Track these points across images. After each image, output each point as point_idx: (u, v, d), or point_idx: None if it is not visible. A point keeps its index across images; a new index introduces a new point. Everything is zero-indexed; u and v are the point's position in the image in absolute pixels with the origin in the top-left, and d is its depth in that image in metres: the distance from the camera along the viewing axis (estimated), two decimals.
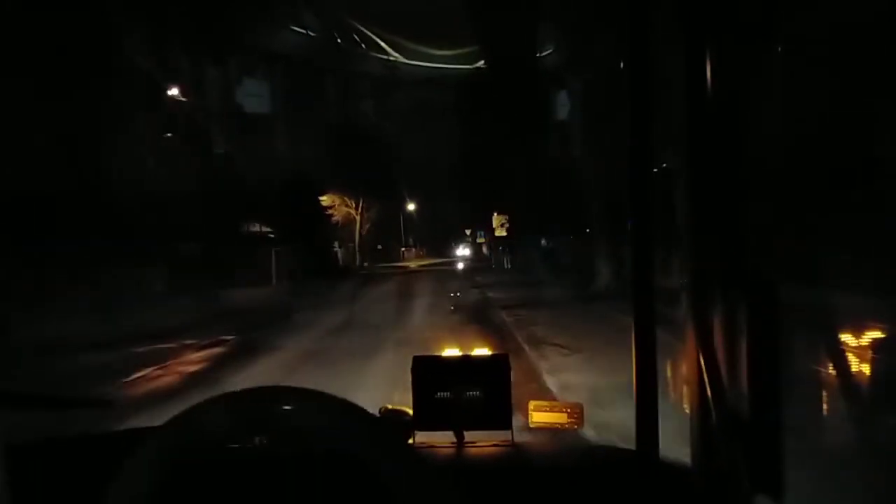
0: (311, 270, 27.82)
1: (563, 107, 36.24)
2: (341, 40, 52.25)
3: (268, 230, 31.70)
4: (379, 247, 47.02)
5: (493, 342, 10.49)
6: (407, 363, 1.44)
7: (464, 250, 49.83)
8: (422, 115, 49.06)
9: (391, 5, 51.85)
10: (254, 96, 45.77)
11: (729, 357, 0.98)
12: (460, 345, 1.56)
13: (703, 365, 0.96)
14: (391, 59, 55.97)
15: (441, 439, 1.40)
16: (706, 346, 0.97)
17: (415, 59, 56.19)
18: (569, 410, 1.46)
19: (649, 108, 1.18)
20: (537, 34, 32.16)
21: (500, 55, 32.69)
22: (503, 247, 34.23)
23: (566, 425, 1.45)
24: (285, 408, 0.78)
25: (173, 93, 23.80)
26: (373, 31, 54.19)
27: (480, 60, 40.35)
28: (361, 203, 40.15)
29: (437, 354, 1.46)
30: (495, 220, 33.54)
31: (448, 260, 47.60)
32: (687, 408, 1.05)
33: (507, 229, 32.95)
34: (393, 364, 7.92)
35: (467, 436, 1.40)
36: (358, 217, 40.35)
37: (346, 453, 0.78)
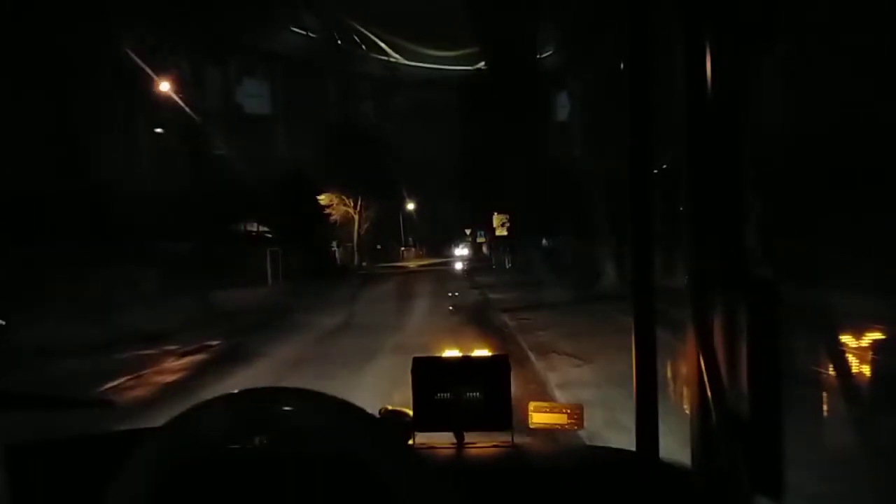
0: (308, 270, 27.53)
1: (563, 108, 36.30)
2: (341, 41, 52.30)
3: (265, 230, 31.54)
4: (378, 246, 46.96)
5: (495, 350, 10.27)
6: (402, 373, 1.43)
7: (462, 250, 49.84)
8: (422, 115, 49.13)
9: (391, 6, 51.93)
10: (254, 97, 45.85)
11: (729, 357, 0.98)
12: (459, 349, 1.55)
13: (703, 365, 0.96)
14: (391, 60, 56.04)
15: (441, 440, 1.40)
16: (706, 346, 0.97)
17: (415, 60, 56.26)
18: (569, 411, 1.46)
19: (649, 108, 1.18)
20: (538, 35, 32.22)
21: (500, 56, 32.77)
22: (504, 246, 34.13)
23: (566, 426, 1.45)
24: (285, 408, 0.78)
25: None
26: (373, 32, 54.26)
27: (481, 61, 40.45)
28: (360, 202, 39.85)
29: (437, 355, 1.46)
30: (496, 219, 33.49)
31: (448, 260, 47.56)
32: (687, 408, 1.05)
33: (508, 229, 32.87)
34: (388, 375, 7.37)
35: (467, 437, 1.40)
36: (356, 216, 40.08)
37: (345, 454, 0.78)
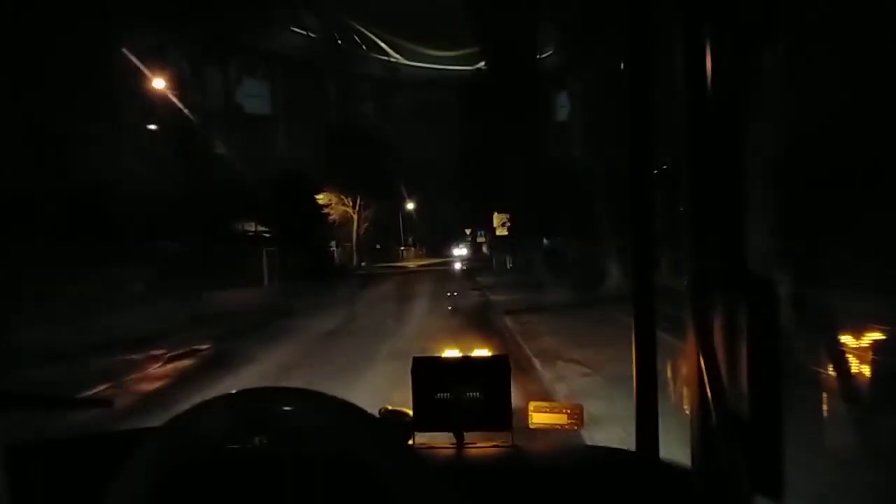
0: (306, 270, 27.15)
1: (563, 108, 36.36)
2: (342, 41, 52.31)
3: (264, 230, 31.32)
4: (377, 246, 46.88)
5: None
6: (399, 382, 1.42)
7: (461, 250, 49.83)
8: (422, 115, 49.15)
9: (392, 6, 51.95)
10: (254, 97, 45.84)
11: (729, 357, 0.98)
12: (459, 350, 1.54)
13: (703, 365, 0.96)
14: (391, 60, 56.05)
15: (441, 440, 1.40)
16: (706, 346, 0.97)
17: (415, 60, 56.27)
18: (569, 411, 1.46)
19: (649, 108, 1.18)
20: (538, 35, 32.25)
21: (500, 56, 32.79)
22: (504, 246, 34.01)
23: (566, 426, 1.45)
24: (285, 408, 0.78)
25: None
26: (373, 33, 54.28)
27: (481, 61, 40.47)
28: (359, 202, 39.59)
29: (437, 355, 1.46)
30: (496, 219, 33.37)
31: (447, 260, 47.53)
32: (687, 408, 1.05)
33: (509, 228, 32.77)
34: (383, 384, 7.06)
35: (467, 437, 1.40)
36: (355, 216, 39.86)
37: (345, 454, 0.78)
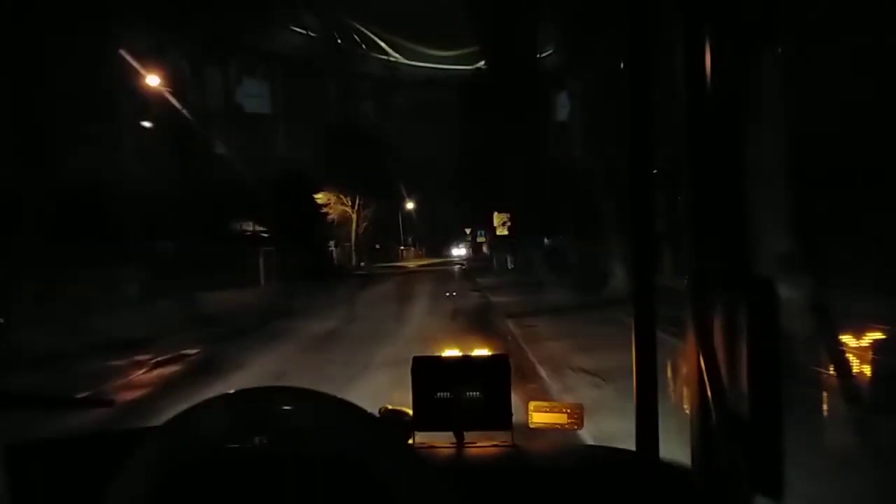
0: (304, 270, 26.88)
1: (563, 107, 36.33)
2: (341, 41, 52.31)
3: (262, 229, 31.19)
4: (377, 246, 46.80)
5: None
6: (393, 393, 1.42)
7: (460, 250, 49.82)
8: (422, 115, 49.17)
9: (392, 6, 51.96)
10: (254, 96, 45.85)
11: (729, 357, 0.98)
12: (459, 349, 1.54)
13: (703, 365, 0.96)
14: (391, 59, 56.05)
15: (441, 440, 1.40)
16: (706, 346, 0.97)
17: (415, 59, 56.28)
18: (569, 411, 1.46)
19: (649, 108, 1.18)
20: (538, 35, 32.23)
21: (500, 56, 32.76)
22: (505, 246, 33.87)
23: (566, 426, 1.45)
24: (285, 408, 0.78)
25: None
26: (373, 32, 54.28)
27: (481, 61, 40.43)
28: (358, 201, 39.39)
29: (437, 355, 1.46)
30: (496, 218, 33.26)
31: (447, 260, 47.50)
32: (687, 408, 1.05)
33: (509, 228, 32.69)
34: (377, 395, 6.43)
35: (467, 436, 1.40)
36: (354, 216, 39.67)
37: (345, 454, 0.78)
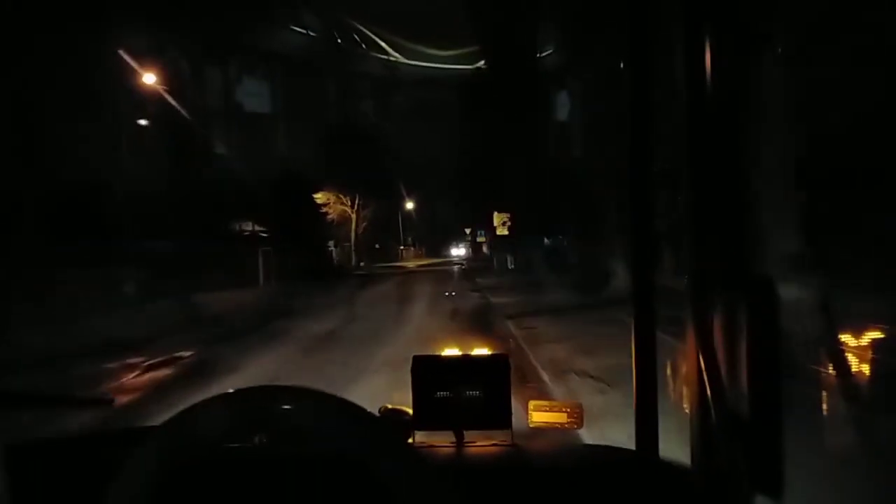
0: (303, 270, 26.68)
1: (563, 106, 36.37)
2: (341, 40, 52.29)
3: (261, 229, 31.11)
4: (377, 246, 46.72)
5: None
6: (395, 394, 1.42)
7: (460, 250, 49.83)
8: (422, 114, 49.15)
9: (392, 5, 51.93)
10: (254, 95, 45.84)
11: (729, 357, 0.98)
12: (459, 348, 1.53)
13: (703, 365, 0.96)
14: (391, 59, 56.03)
15: (441, 439, 1.40)
16: (706, 346, 0.97)
17: (415, 59, 56.25)
18: (568, 410, 1.46)
19: (649, 108, 1.18)
20: (537, 34, 32.25)
21: (500, 55, 32.78)
22: (505, 246, 33.75)
23: (566, 425, 1.45)
24: (285, 407, 0.78)
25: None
26: (373, 31, 54.25)
27: (481, 60, 40.46)
28: (357, 201, 39.23)
29: (437, 354, 1.46)
30: (496, 218, 33.20)
31: (447, 260, 47.48)
32: (687, 407, 1.05)
33: (509, 228, 32.64)
34: (378, 398, 6.66)
35: (467, 435, 1.40)
36: (354, 215, 39.52)
37: (345, 453, 0.78)
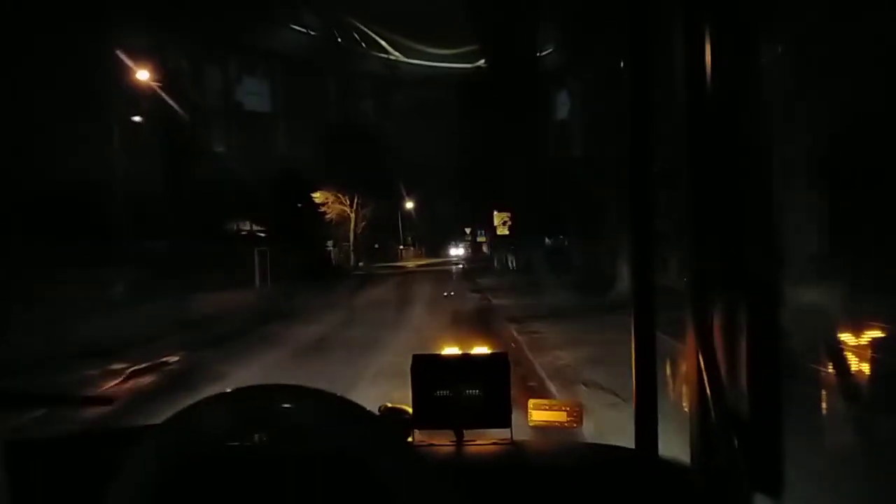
0: (301, 271, 26.34)
1: (563, 105, 36.32)
2: (341, 39, 52.25)
3: (259, 228, 30.97)
4: (376, 246, 46.56)
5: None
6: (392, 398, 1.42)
7: (460, 250, 49.83)
8: (422, 113, 49.10)
9: (392, 4, 51.87)
10: (254, 94, 45.79)
11: (729, 357, 0.98)
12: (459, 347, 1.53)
13: (703, 365, 0.96)
14: (391, 57, 55.97)
15: (440, 438, 1.40)
16: (706, 346, 0.97)
17: (415, 57, 56.20)
18: (568, 409, 1.46)
19: (649, 108, 1.18)
20: (538, 34, 32.22)
21: (500, 54, 32.74)
22: (506, 246, 33.50)
23: (565, 424, 1.45)
24: (285, 406, 0.78)
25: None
26: (373, 30, 54.20)
27: (481, 59, 40.39)
28: (356, 200, 38.95)
29: (437, 353, 1.46)
30: (496, 217, 33.08)
31: (447, 260, 47.44)
32: (686, 407, 1.05)
33: (510, 228, 32.52)
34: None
35: (467, 434, 1.40)
36: (353, 215, 39.26)
37: (345, 451, 0.78)
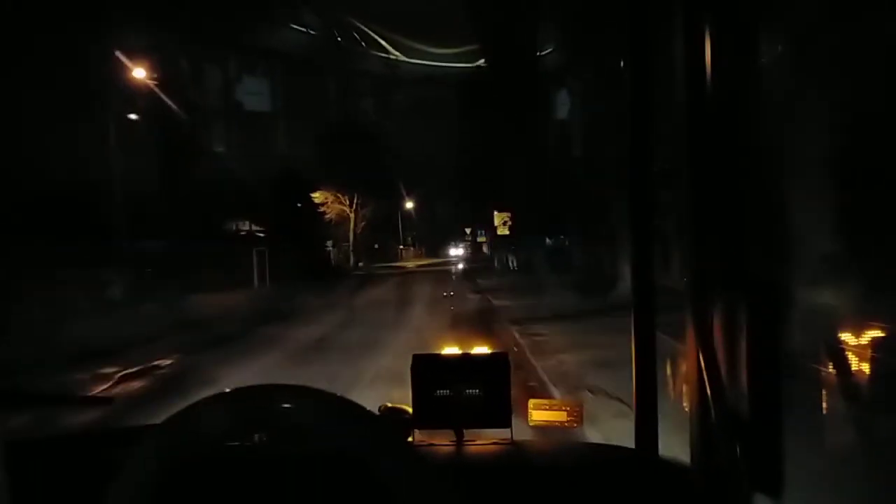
0: (300, 271, 26.15)
1: (563, 106, 36.30)
2: (341, 38, 52.24)
3: (258, 228, 30.92)
4: (376, 246, 46.43)
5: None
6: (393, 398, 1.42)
7: (460, 250, 49.82)
8: (422, 113, 49.07)
9: (392, 4, 51.88)
10: (253, 94, 45.78)
11: (729, 357, 0.98)
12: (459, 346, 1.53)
13: (703, 365, 0.96)
14: (391, 57, 55.96)
15: (441, 437, 1.40)
16: (706, 346, 0.97)
17: (415, 57, 56.18)
18: (568, 409, 1.46)
19: (649, 108, 1.18)
20: (538, 33, 32.21)
21: (500, 53, 32.72)
22: (507, 246, 33.34)
23: (566, 424, 1.45)
24: (284, 406, 0.78)
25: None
26: (373, 30, 54.19)
27: (481, 59, 40.37)
28: (356, 200, 38.82)
29: (437, 353, 1.46)
30: (497, 217, 33.00)
31: (447, 260, 47.39)
32: (686, 407, 1.05)
33: (510, 228, 32.44)
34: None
35: (467, 434, 1.40)
36: (352, 215, 39.16)
37: (345, 451, 0.78)
